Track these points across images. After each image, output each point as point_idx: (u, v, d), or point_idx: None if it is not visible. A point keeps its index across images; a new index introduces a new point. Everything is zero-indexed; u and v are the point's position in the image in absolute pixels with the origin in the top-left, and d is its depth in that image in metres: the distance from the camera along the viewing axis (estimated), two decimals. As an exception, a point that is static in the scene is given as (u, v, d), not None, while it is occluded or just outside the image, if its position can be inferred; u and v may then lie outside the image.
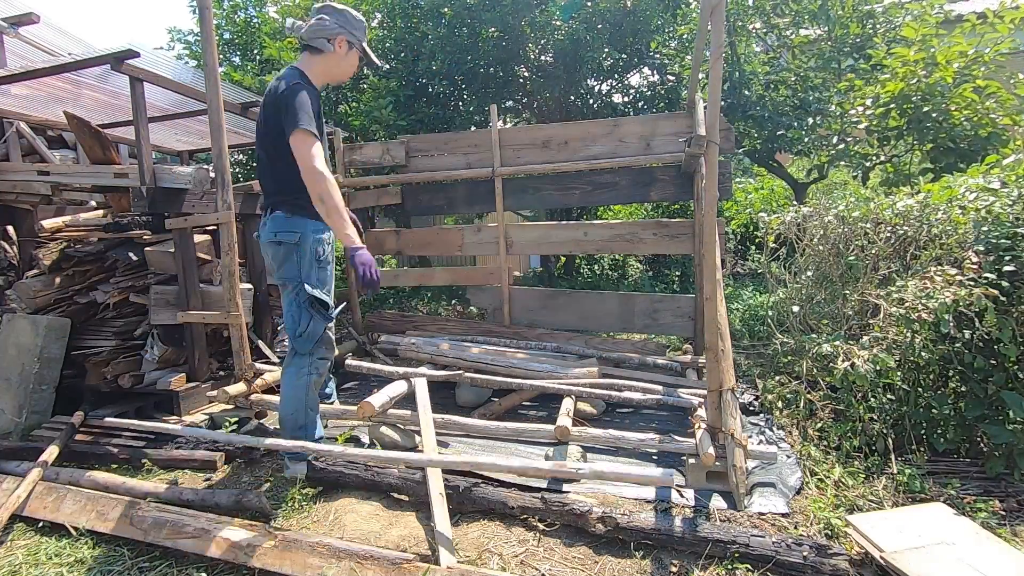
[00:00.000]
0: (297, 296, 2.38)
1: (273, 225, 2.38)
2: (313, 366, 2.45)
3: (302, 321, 2.39)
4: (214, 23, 2.93)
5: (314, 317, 2.39)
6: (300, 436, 2.45)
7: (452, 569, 1.72)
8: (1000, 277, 2.34)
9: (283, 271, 2.40)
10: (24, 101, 4.22)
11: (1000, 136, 4.02)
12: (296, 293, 2.38)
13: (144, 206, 3.34)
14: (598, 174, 4.17)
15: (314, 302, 2.37)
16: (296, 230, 2.36)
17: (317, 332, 2.42)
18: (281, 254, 2.38)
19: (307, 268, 2.38)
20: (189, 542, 1.91)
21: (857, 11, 5.56)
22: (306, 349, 2.43)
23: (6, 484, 2.30)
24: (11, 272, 3.85)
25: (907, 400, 2.54)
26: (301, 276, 2.37)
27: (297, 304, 2.39)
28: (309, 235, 2.38)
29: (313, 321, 2.40)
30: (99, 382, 3.41)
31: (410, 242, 4.75)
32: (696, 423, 2.59)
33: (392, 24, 6.22)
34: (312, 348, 2.44)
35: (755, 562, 1.78)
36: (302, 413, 2.45)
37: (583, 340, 4.16)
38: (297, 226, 2.36)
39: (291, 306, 2.40)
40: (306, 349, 2.43)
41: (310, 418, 2.48)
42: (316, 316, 2.40)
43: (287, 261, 2.38)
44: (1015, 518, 2.04)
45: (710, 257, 2.52)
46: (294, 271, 2.37)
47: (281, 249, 2.37)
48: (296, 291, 2.38)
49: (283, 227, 2.36)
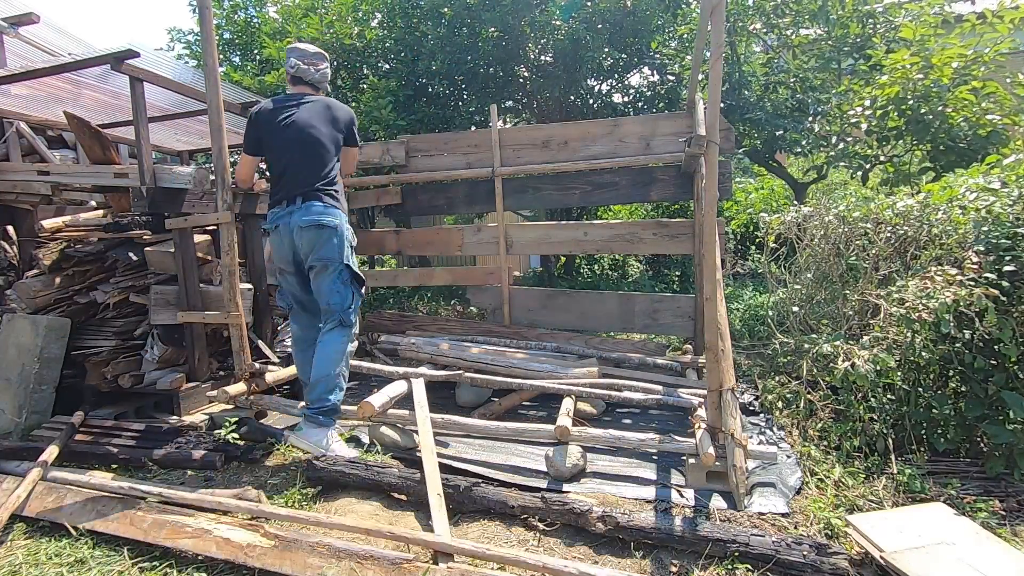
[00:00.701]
0: (340, 275, 2.71)
1: (312, 212, 2.67)
2: (353, 335, 2.81)
3: (348, 296, 2.73)
4: (214, 23, 2.93)
5: (355, 292, 2.77)
6: (330, 399, 2.65)
7: (452, 569, 1.72)
8: (1000, 277, 2.34)
9: (323, 251, 2.68)
10: (24, 101, 4.22)
11: (1000, 136, 4.02)
12: (339, 272, 2.70)
13: (144, 206, 3.34)
14: (598, 174, 4.17)
15: (355, 278, 2.75)
16: (336, 217, 2.72)
17: (358, 304, 2.82)
18: (324, 237, 2.68)
19: (347, 249, 2.73)
20: (189, 542, 1.91)
21: (857, 11, 5.56)
22: (351, 320, 2.77)
23: (6, 484, 2.30)
24: (11, 272, 3.85)
25: (907, 400, 2.54)
26: (342, 257, 2.70)
27: (342, 282, 2.71)
28: (344, 222, 2.76)
29: (356, 295, 2.78)
30: (99, 382, 3.40)
31: (410, 242, 4.75)
32: (696, 423, 2.59)
33: (392, 24, 6.21)
34: (355, 319, 2.80)
35: (755, 561, 1.78)
36: (337, 376, 2.70)
37: (583, 340, 4.16)
38: (335, 214, 2.72)
39: (335, 284, 2.71)
40: (351, 320, 2.77)
41: (341, 382, 2.73)
42: (356, 291, 2.78)
43: (328, 243, 2.68)
44: (1015, 518, 2.04)
45: (710, 257, 2.52)
46: (336, 252, 2.69)
47: (324, 232, 2.67)
48: (339, 271, 2.70)
49: (324, 213, 2.69)
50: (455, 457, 2.63)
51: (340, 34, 6.03)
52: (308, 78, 2.87)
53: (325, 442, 2.59)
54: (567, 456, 2.48)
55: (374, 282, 5.24)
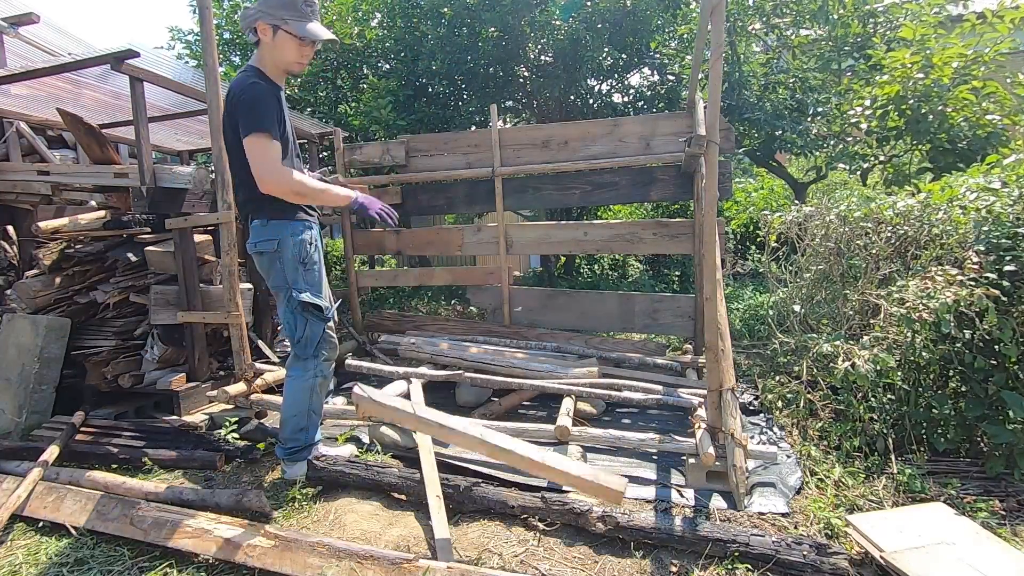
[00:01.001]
0: (289, 303, 2.34)
1: (252, 235, 2.34)
2: (318, 368, 2.43)
3: (298, 327, 2.36)
4: (214, 23, 2.94)
5: (310, 321, 2.36)
6: (300, 439, 2.43)
7: (452, 569, 1.72)
8: (1001, 277, 2.34)
9: (271, 280, 2.37)
10: (24, 101, 4.22)
11: (1000, 136, 4.02)
12: (287, 300, 2.34)
13: (144, 206, 3.34)
14: (598, 174, 4.17)
15: (306, 306, 2.33)
16: (274, 237, 2.29)
17: (316, 335, 2.39)
18: (265, 264, 2.34)
19: (292, 273, 2.32)
20: (189, 542, 1.91)
21: (858, 11, 5.56)
22: (308, 353, 2.40)
23: (6, 484, 2.30)
24: (11, 272, 3.85)
25: (907, 400, 2.54)
26: (288, 283, 2.33)
27: (291, 311, 2.35)
28: (288, 240, 2.30)
29: (309, 325, 2.36)
30: (99, 382, 3.41)
31: (410, 242, 4.75)
32: (696, 423, 2.59)
33: (392, 24, 6.22)
34: (314, 351, 2.41)
35: (755, 561, 1.78)
36: (304, 416, 2.42)
37: (583, 340, 4.16)
38: (274, 232, 2.29)
39: (286, 313, 2.37)
40: (308, 353, 2.40)
41: (312, 421, 2.45)
42: (312, 319, 2.36)
43: (272, 270, 2.34)
44: (1015, 518, 2.04)
45: (710, 257, 2.52)
46: (280, 279, 2.33)
47: (264, 259, 2.33)
48: (287, 298, 2.34)
49: (261, 236, 2.31)
50: (455, 457, 2.63)
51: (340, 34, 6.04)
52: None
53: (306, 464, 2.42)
54: (567, 456, 2.47)
55: (374, 282, 5.24)
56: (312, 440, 2.47)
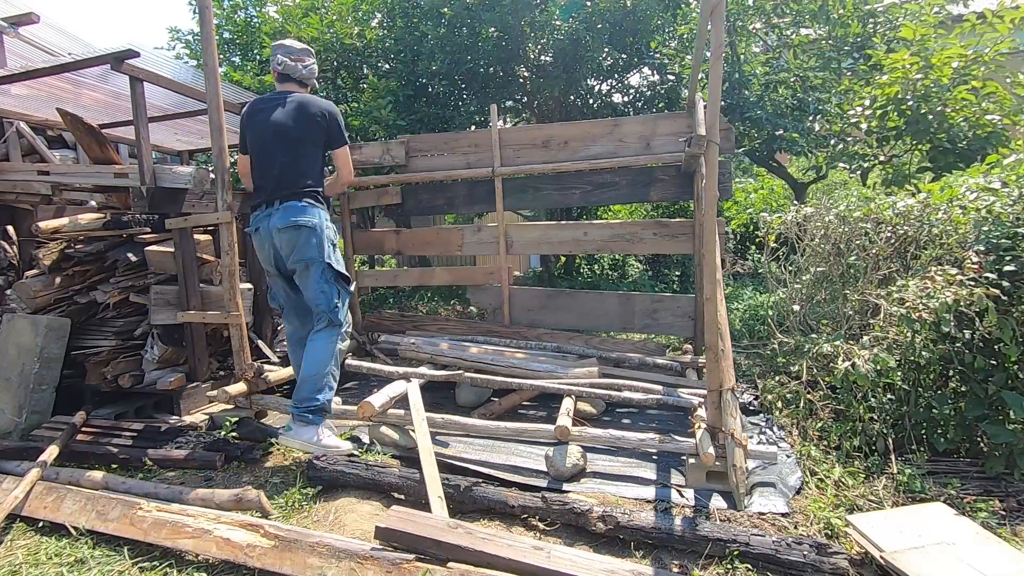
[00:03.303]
0: (323, 274, 2.70)
1: (289, 212, 2.68)
2: (343, 334, 2.79)
3: (333, 295, 2.72)
4: (214, 23, 2.93)
5: (341, 290, 2.76)
6: (317, 400, 2.63)
7: (452, 569, 1.72)
8: (1001, 277, 2.34)
9: (303, 252, 2.68)
10: (24, 101, 4.21)
11: (1000, 136, 4.02)
12: (322, 271, 2.69)
13: (144, 206, 3.34)
14: (598, 174, 4.17)
15: (339, 276, 2.73)
16: (314, 216, 2.70)
17: (346, 302, 2.80)
18: (302, 237, 2.67)
19: (327, 248, 2.72)
20: (189, 542, 1.91)
21: (858, 11, 5.56)
22: (339, 319, 2.73)
23: (5, 484, 2.30)
24: (11, 272, 3.84)
25: (907, 400, 2.54)
26: (323, 256, 2.69)
27: (325, 281, 2.70)
28: (324, 221, 2.74)
29: (342, 293, 2.76)
30: (99, 382, 3.41)
31: (410, 242, 4.75)
32: (696, 423, 2.59)
33: (392, 24, 6.21)
34: (344, 317, 2.77)
35: (755, 561, 1.78)
36: (324, 377, 2.66)
37: (583, 340, 4.16)
38: (314, 213, 2.71)
39: (319, 284, 2.70)
40: (339, 319, 2.73)
41: (329, 383, 2.70)
42: (344, 289, 2.77)
43: (307, 244, 2.67)
44: (1015, 518, 2.04)
45: (710, 257, 2.52)
46: (316, 251, 2.68)
47: (302, 233, 2.67)
48: (321, 269, 2.69)
49: (301, 213, 2.68)
50: (455, 457, 2.63)
51: (340, 34, 6.04)
52: (296, 75, 2.87)
53: (316, 439, 2.57)
54: (567, 456, 2.48)
55: (374, 282, 5.24)
56: (326, 405, 2.67)
